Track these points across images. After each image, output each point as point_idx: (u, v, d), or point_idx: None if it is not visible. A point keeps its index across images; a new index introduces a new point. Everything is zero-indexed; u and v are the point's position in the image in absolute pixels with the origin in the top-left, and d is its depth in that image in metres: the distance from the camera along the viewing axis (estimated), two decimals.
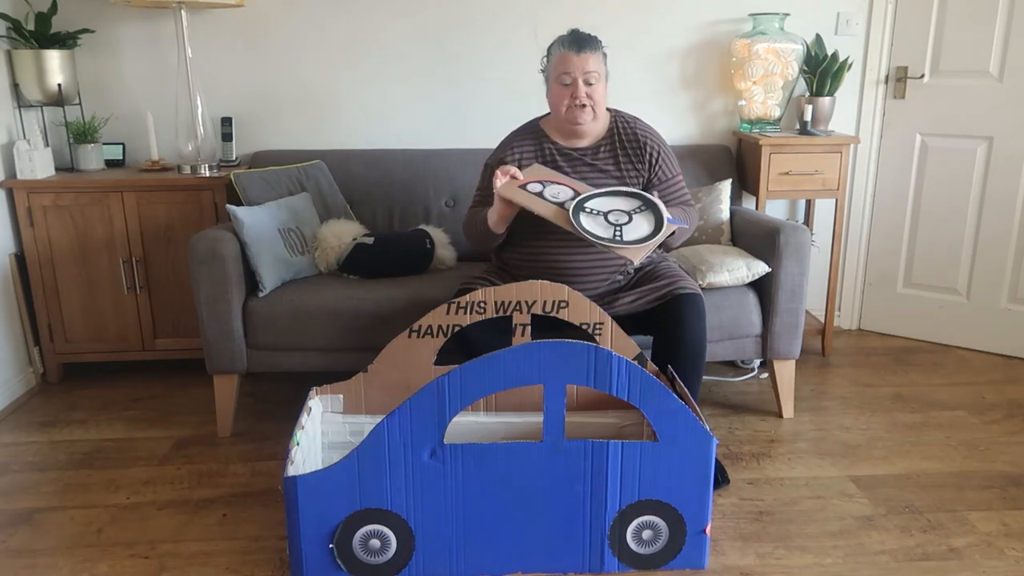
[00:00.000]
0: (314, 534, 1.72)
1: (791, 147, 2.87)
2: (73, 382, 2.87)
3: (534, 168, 2.17)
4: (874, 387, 2.80)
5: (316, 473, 1.70)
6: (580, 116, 2.16)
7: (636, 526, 1.77)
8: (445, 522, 1.76)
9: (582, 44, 2.14)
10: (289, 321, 2.36)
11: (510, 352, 1.68)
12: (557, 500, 1.75)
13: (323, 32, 2.98)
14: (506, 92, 3.07)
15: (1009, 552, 1.85)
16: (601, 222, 2.00)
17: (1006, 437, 2.43)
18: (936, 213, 3.13)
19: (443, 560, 1.77)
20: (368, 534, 1.74)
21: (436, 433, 1.71)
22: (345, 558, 1.73)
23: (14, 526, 1.98)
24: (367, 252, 2.54)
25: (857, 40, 3.12)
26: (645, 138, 2.24)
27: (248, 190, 2.63)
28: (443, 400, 1.69)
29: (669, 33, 3.07)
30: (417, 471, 1.73)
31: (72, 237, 2.72)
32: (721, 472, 2.16)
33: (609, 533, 1.77)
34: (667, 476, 1.75)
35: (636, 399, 1.72)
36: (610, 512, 1.76)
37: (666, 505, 1.76)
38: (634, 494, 1.76)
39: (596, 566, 1.79)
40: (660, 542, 1.79)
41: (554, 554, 1.78)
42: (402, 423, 1.70)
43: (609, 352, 1.69)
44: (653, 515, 1.77)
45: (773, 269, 2.41)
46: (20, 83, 2.76)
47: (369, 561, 1.75)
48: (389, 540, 1.75)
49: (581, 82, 2.13)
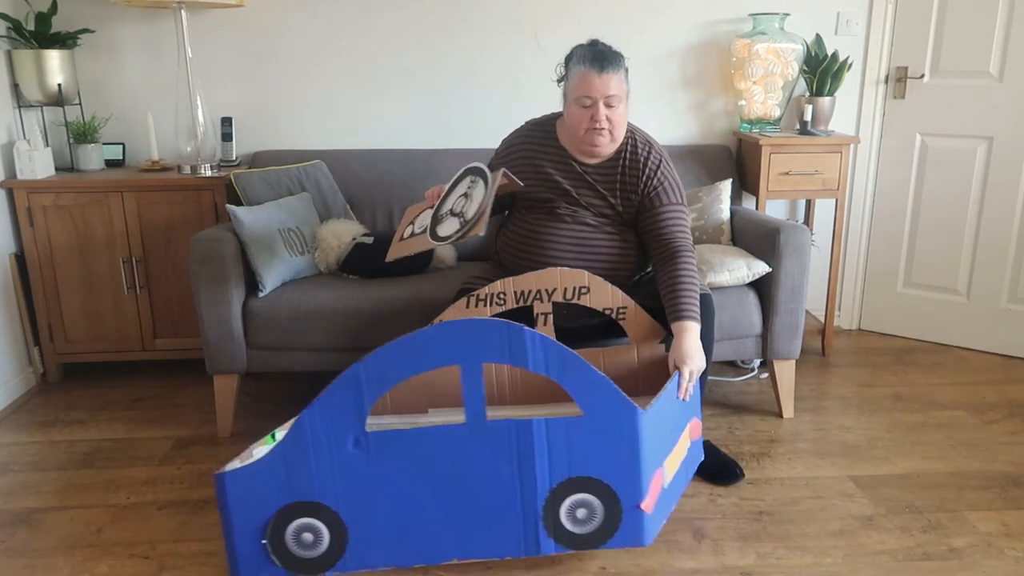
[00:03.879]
0: (246, 530, 1.70)
1: (791, 147, 2.87)
2: (73, 382, 2.87)
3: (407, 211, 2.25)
4: (874, 387, 2.80)
5: (243, 468, 1.68)
6: (598, 139, 2.07)
7: (569, 505, 1.72)
8: (376, 512, 1.72)
9: (604, 63, 2.01)
10: (289, 321, 2.36)
11: (422, 334, 1.65)
12: (486, 483, 1.71)
13: (323, 32, 2.98)
14: (507, 93, 3.07)
15: (1009, 552, 1.85)
16: (451, 221, 2.02)
17: (1006, 437, 2.43)
18: (936, 213, 3.13)
19: (378, 550, 1.74)
20: (300, 528, 1.72)
21: (357, 422, 1.68)
22: (279, 553, 1.71)
23: (14, 526, 1.98)
24: (367, 252, 2.54)
25: (857, 40, 3.12)
26: (646, 164, 2.11)
27: (248, 190, 2.63)
28: (359, 388, 1.66)
29: (669, 33, 3.07)
30: (343, 462, 1.70)
31: (72, 237, 2.72)
32: (737, 466, 2.17)
33: (542, 514, 1.72)
34: (595, 451, 1.70)
35: (555, 374, 1.67)
36: (541, 492, 1.71)
37: (597, 481, 1.71)
38: (563, 472, 1.71)
39: (532, 549, 1.73)
40: (596, 520, 1.73)
41: (489, 538, 1.74)
42: (322, 414, 1.67)
43: (522, 328, 1.65)
44: (585, 493, 1.72)
45: (773, 269, 2.41)
46: (20, 83, 2.76)
47: (303, 555, 1.72)
48: (322, 533, 1.72)
49: (602, 105, 2.02)
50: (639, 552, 1.85)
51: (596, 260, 2.15)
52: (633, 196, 2.13)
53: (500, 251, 2.27)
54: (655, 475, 1.75)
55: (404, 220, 2.22)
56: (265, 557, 1.71)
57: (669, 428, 1.83)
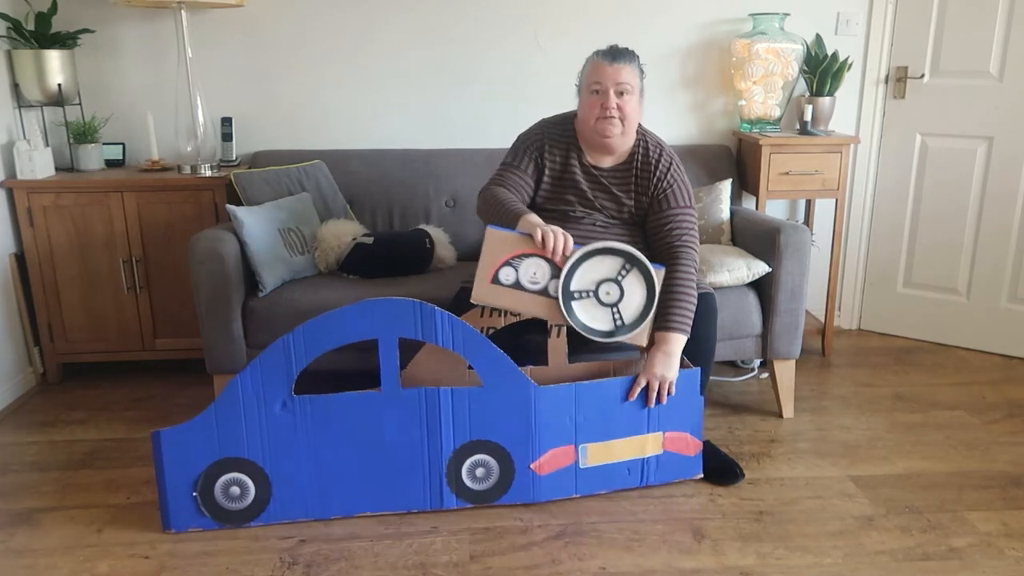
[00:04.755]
0: (179, 483, 1.89)
1: (791, 147, 2.87)
2: (73, 382, 2.87)
3: (493, 235, 1.93)
4: (874, 387, 2.80)
5: (177, 427, 1.87)
6: (608, 128, 2.08)
7: (470, 464, 1.96)
8: (299, 468, 1.92)
9: (616, 55, 2.08)
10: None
11: (346, 311, 1.85)
12: (398, 443, 1.93)
13: (323, 32, 2.99)
14: (507, 93, 3.07)
15: (1009, 552, 1.85)
16: (595, 308, 1.95)
17: (1006, 437, 2.43)
18: (936, 213, 3.13)
19: (299, 503, 1.94)
20: (228, 482, 1.91)
21: (286, 386, 1.88)
22: (208, 505, 1.91)
23: (14, 526, 1.98)
24: (367, 252, 2.54)
25: (857, 40, 3.12)
26: (657, 165, 2.14)
27: (248, 190, 2.63)
28: (289, 356, 1.86)
29: (669, 33, 3.07)
30: (270, 422, 1.89)
31: (72, 237, 2.72)
32: (737, 466, 2.17)
33: (446, 471, 1.95)
34: (493, 418, 1.93)
35: (460, 348, 1.89)
36: (445, 452, 1.94)
37: (494, 444, 1.95)
38: (465, 435, 1.93)
39: (437, 503, 1.97)
40: (492, 478, 1.97)
41: (399, 493, 1.96)
42: (254, 378, 1.87)
43: (433, 308, 1.87)
44: (484, 454, 1.95)
45: (773, 269, 2.41)
46: (20, 83, 2.76)
47: (230, 507, 1.92)
48: (248, 487, 1.92)
49: (612, 92, 2.05)
50: (639, 552, 1.85)
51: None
52: (644, 197, 2.15)
53: None
54: (560, 448, 1.98)
55: (493, 251, 1.93)
56: (196, 508, 1.91)
57: (604, 419, 2.00)
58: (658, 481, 2.10)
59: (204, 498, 1.90)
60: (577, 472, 2.02)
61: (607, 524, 1.96)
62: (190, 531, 1.93)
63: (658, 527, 1.95)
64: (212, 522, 1.92)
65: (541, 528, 1.95)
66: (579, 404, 1.98)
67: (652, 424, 2.04)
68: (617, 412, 2.01)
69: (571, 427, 1.98)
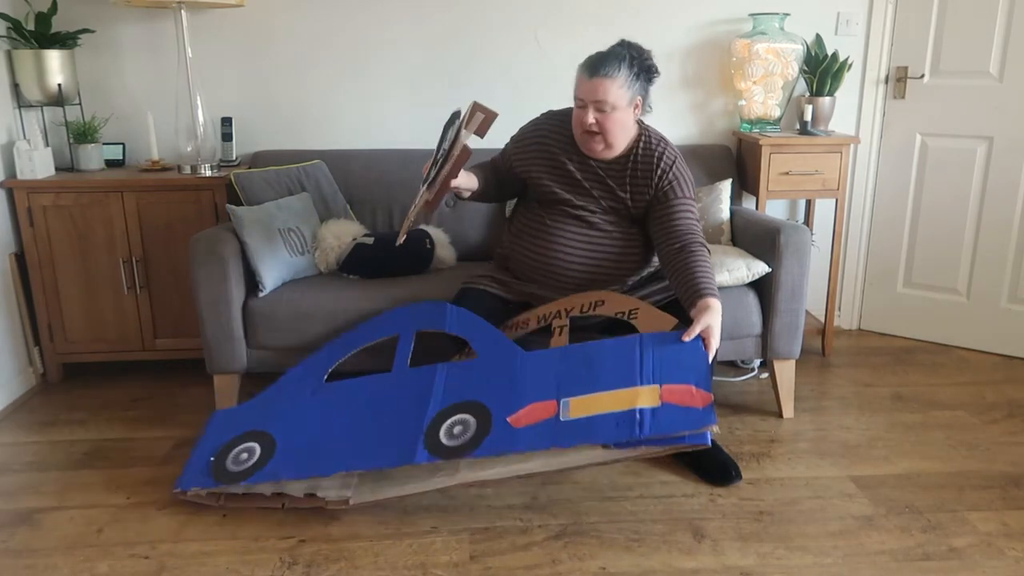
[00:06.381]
0: (206, 450, 2.09)
1: (791, 147, 2.87)
2: (73, 382, 2.87)
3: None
4: (874, 387, 2.80)
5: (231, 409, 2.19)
6: (590, 143, 2.08)
7: (449, 424, 1.94)
8: (304, 437, 2.03)
9: (596, 68, 2.01)
10: (289, 321, 2.36)
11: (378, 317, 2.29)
12: (389, 412, 2.02)
13: (323, 32, 2.98)
14: (507, 93, 3.07)
15: (1009, 552, 1.85)
16: (433, 170, 2.07)
17: (1006, 437, 2.43)
18: (936, 213, 3.13)
19: (285, 467, 1.98)
20: (242, 449, 2.04)
21: (319, 377, 2.18)
22: (216, 468, 2.02)
23: (14, 526, 1.98)
24: (367, 252, 2.54)
25: (857, 40, 3.12)
26: (660, 160, 2.13)
27: (248, 190, 2.63)
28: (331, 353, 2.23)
29: (669, 33, 3.07)
30: (298, 403, 2.12)
31: (72, 237, 2.72)
32: (734, 467, 2.17)
33: (425, 431, 1.93)
34: (480, 381, 2.00)
35: (465, 333, 2.10)
36: (430, 414, 1.97)
37: (476, 403, 1.96)
38: (451, 399, 1.98)
39: (407, 459, 1.88)
40: (468, 434, 1.90)
41: (373, 453, 1.94)
42: (305, 370, 2.21)
43: (445, 304, 2.19)
44: (465, 413, 1.95)
45: (773, 269, 2.41)
46: (20, 83, 2.76)
47: (232, 469, 2.01)
48: (255, 452, 2.03)
49: (591, 109, 2.03)
50: (639, 552, 1.85)
51: (602, 256, 2.17)
52: (646, 191, 2.14)
53: (509, 243, 2.28)
54: (540, 403, 1.90)
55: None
56: (204, 470, 2.02)
57: (590, 373, 1.92)
58: (655, 432, 1.77)
59: (217, 462, 2.03)
60: (556, 425, 1.84)
61: (607, 524, 1.96)
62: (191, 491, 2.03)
63: (658, 527, 1.95)
64: (211, 481, 1.99)
65: (541, 528, 1.95)
66: (566, 363, 1.96)
67: (646, 376, 1.87)
68: (606, 366, 1.92)
69: (553, 383, 1.93)
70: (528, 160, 2.21)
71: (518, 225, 2.27)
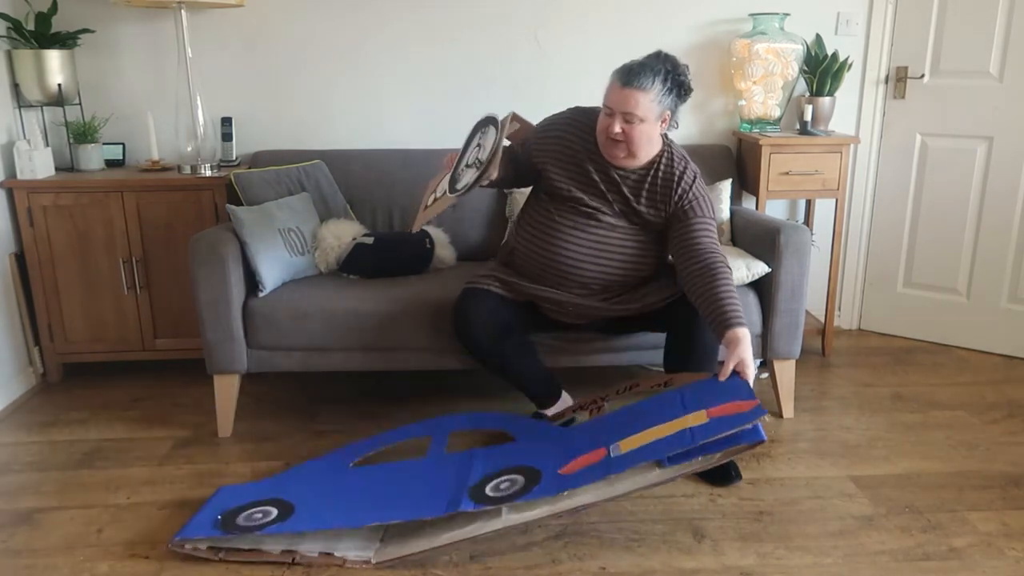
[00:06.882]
0: (212, 514, 1.93)
1: (791, 147, 2.87)
2: (73, 382, 2.87)
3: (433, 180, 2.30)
4: (874, 387, 2.80)
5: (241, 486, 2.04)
6: (613, 151, 2.07)
7: (496, 483, 1.88)
8: (328, 502, 1.93)
9: (630, 79, 1.99)
10: (289, 321, 2.36)
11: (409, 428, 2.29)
12: (430, 479, 1.97)
13: (323, 32, 2.98)
14: (507, 93, 3.07)
15: (1009, 552, 1.85)
16: (468, 172, 2.08)
17: (1006, 437, 2.43)
18: (936, 213, 3.13)
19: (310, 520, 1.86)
20: (258, 511, 1.91)
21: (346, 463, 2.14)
22: (225, 523, 1.87)
23: (14, 526, 1.98)
24: (367, 252, 2.54)
25: (857, 40, 3.12)
26: (681, 178, 2.11)
27: (248, 190, 2.63)
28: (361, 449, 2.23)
29: (669, 33, 3.06)
30: (322, 477, 2.06)
31: (72, 237, 2.72)
32: (734, 467, 2.17)
33: (470, 489, 1.87)
34: (524, 452, 2.00)
35: (507, 427, 2.20)
36: (474, 478, 1.92)
37: (525, 465, 1.93)
38: (497, 467, 1.95)
39: (453, 508, 1.80)
40: (516, 488, 1.84)
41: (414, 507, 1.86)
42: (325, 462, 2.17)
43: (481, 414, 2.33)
44: (514, 474, 1.91)
45: (773, 269, 2.41)
46: (20, 83, 2.76)
47: (244, 525, 1.86)
48: (271, 514, 1.89)
49: (618, 118, 2.02)
50: (639, 552, 1.85)
51: (612, 259, 2.16)
52: (663, 207, 2.13)
53: (517, 239, 2.28)
54: (590, 453, 1.87)
55: (426, 192, 2.28)
56: (210, 525, 1.88)
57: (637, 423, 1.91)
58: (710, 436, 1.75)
59: (225, 519, 1.88)
60: (609, 461, 1.82)
61: (607, 524, 1.96)
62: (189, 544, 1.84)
63: (658, 527, 1.95)
64: (218, 531, 1.84)
65: (541, 528, 1.95)
66: (610, 421, 1.98)
67: (689, 407, 1.88)
68: (651, 414, 1.92)
69: (601, 437, 1.92)
70: (546, 153, 2.20)
71: (526, 218, 2.26)
